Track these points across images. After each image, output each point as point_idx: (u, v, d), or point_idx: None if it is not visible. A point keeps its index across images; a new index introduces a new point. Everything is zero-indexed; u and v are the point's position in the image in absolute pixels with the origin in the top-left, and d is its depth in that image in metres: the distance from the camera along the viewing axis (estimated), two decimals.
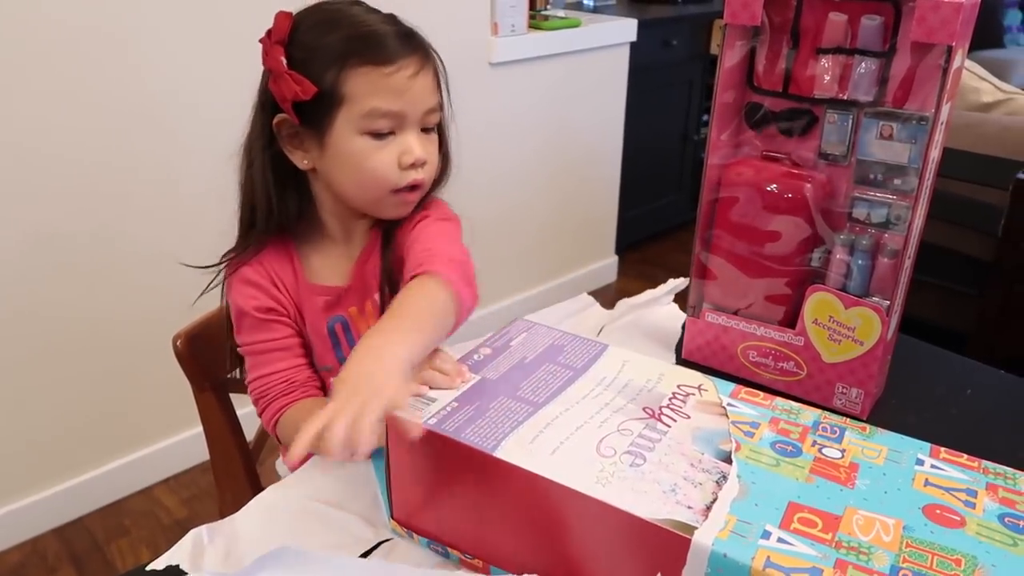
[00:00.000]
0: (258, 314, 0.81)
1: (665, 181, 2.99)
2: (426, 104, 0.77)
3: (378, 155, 0.76)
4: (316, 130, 0.76)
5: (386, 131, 0.75)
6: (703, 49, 2.92)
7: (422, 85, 0.76)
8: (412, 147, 0.76)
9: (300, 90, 0.73)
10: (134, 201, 1.61)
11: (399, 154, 0.76)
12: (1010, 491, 0.56)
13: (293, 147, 0.78)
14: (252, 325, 0.81)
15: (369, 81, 0.73)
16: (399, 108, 0.75)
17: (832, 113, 0.81)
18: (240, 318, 0.81)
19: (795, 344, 0.84)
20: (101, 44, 1.49)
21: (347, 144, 0.75)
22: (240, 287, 0.81)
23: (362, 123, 0.74)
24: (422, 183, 0.79)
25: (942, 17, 0.69)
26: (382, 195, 0.78)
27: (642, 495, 0.54)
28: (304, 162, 0.79)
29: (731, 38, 0.82)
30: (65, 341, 1.60)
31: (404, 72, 0.74)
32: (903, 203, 0.78)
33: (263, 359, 0.81)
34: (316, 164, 0.79)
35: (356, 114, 0.74)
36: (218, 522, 0.70)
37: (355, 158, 0.76)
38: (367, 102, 0.74)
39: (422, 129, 0.78)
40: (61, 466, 1.69)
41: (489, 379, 0.67)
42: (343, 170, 0.77)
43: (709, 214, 0.88)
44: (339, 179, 0.78)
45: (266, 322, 0.81)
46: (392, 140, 0.76)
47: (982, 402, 0.86)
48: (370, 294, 0.86)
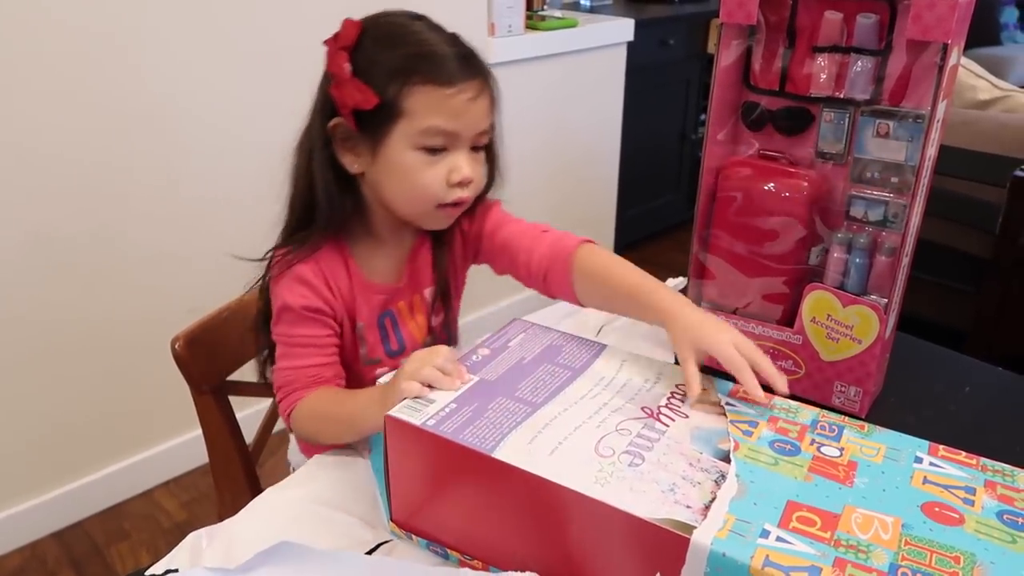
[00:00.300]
0: (304, 312, 0.82)
1: (663, 180, 2.99)
2: (480, 126, 0.79)
3: (429, 170, 0.78)
4: (371, 138, 0.78)
5: (439, 148, 0.78)
6: (700, 48, 2.91)
7: (479, 108, 0.78)
8: (462, 167, 0.78)
9: (362, 99, 0.75)
10: (133, 202, 1.61)
11: (448, 171, 0.78)
12: (1009, 488, 0.56)
13: (345, 150, 0.80)
14: (294, 320, 0.82)
15: (430, 100, 0.75)
16: (455, 128, 0.77)
17: (829, 112, 0.81)
18: (283, 311, 0.82)
19: (793, 343, 0.84)
20: (101, 44, 1.48)
21: (400, 156, 0.77)
22: (292, 284, 0.82)
23: (417, 139, 0.77)
24: (466, 201, 0.82)
25: (937, 15, 0.69)
26: (427, 208, 0.81)
27: (641, 495, 0.54)
28: (355, 166, 0.80)
29: (727, 37, 0.82)
30: (64, 343, 1.60)
31: (464, 95, 0.76)
32: (900, 201, 0.78)
33: (297, 351, 0.82)
34: (366, 170, 0.81)
35: (413, 129, 0.76)
36: (216, 525, 0.70)
37: (406, 171, 0.78)
38: (425, 120, 0.76)
39: (472, 148, 0.80)
40: (60, 470, 1.68)
41: (487, 380, 0.67)
42: (392, 180, 0.80)
43: (707, 214, 0.88)
44: (387, 187, 0.81)
45: (309, 319, 0.82)
46: (443, 157, 0.78)
47: (980, 400, 0.86)
48: (419, 289, 0.90)
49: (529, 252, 0.85)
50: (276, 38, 1.70)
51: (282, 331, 0.83)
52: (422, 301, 0.91)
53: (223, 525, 0.70)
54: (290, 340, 0.82)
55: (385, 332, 0.89)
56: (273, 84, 1.72)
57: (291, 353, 0.82)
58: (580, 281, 0.82)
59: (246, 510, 0.72)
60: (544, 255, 0.84)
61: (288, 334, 0.82)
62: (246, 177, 1.73)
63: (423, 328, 0.92)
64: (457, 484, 0.62)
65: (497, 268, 0.92)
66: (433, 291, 0.91)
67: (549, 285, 0.84)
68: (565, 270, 0.82)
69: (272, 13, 1.69)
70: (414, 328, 0.91)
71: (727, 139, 0.87)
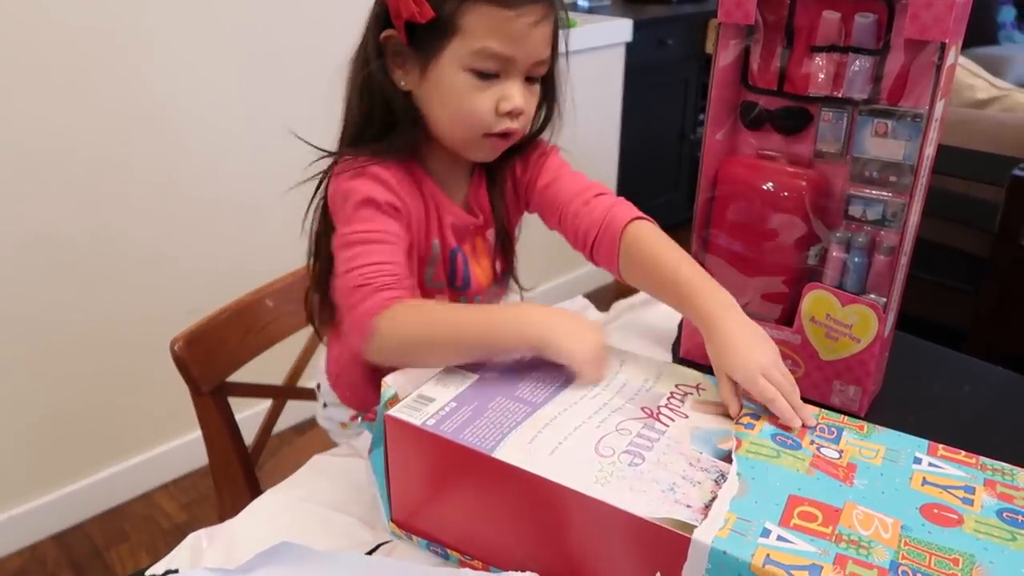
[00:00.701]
0: (384, 204, 0.76)
1: (662, 180, 3.00)
2: (538, 55, 0.75)
3: (478, 95, 0.74)
4: (422, 55, 0.74)
5: (491, 73, 0.73)
6: (699, 48, 2.92)
7: (539, 35, 0.73)
8: (513, 95, 0.74)
9: (417, 11, 0.70)
10: (133, 202, 1.61)
11: (499, 99, 0.74)
12: (1008, 487, 0.56)
13: (395, 65, 0.76)
14: (372, 214, 0.75)
15: (488, 20, 0.71)
16: (511, 53, 0.72)
17: (827, 111, 0.81)
18: (361, 206, 0.75)
19: (793, 342, 0.84)
20: (100, 44, 1.49)
21: (449, 77, 0.73)
22: (370, 181, 0.76)
23: (470, 60, 0.72)
24: (516, 132, 0.77)
25: (935, 14, 0.69)
26: (473, 136, 0.77)
27: (641, 494, 0.54)
28: (403, 82, 0.77)
29: (725, 37, 0.82)
30: (64, 343, 1.60)
31: (525, 19, 0.71)
32: (899, 200, 0.78)
33: (374, 248, 0.74)
34: (414, 88, 0.77)
35: (466, 49, 0.72)
36: (216, 526, 0.70)
37: (454, 93, 0.74)
38: (480, 40, 0.71)
39: (526, 78, 0.76)
40: (60, 472, 1.68)
41: (487, 379, 0.67)
42: (439, 102, 0.76)
43: (706, 213, 0.88)
44: (433, 109, 0.77)
45: (388, 214, 0.76)
46: (495, 83, 0.74)
47: (980, 399, 0.86)
48: (482, 231, 0.87)
49: (578, 216, 0.82)
50: (278, 38, 1.71)
51: (357, 228, 0.75)
52: (485, 244, 0.88)
53: (223, 526, 0.70)
54: (367, 236, 0.74)
55: (454, 266, 0.85)
56: (274, 84, 1.73)
57: (368, 251, 0.74)
58: (627, 260, 0.79)
59: (246, 511, 0.72)
60: (593, 223, 0.81)
61: (365, 230, 0.75)
62: (246, 178, 1.73)
63: (488, 273, 0.89)
64: (457, 484, 0.62)
65: (547, 223, 0.87)
66: (494, 233, 0.88)
67: (595, 256, 0.82)
68: (613, 245, 0.79)
69: (273, 13, 1.69)
70: (479, 272, 0.87)
71: (726, 139, 0.87)
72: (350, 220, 0.75)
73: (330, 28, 1.74)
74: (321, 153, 0.81)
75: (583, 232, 0.81)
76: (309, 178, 0.81)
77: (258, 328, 1.02)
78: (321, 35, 1.74)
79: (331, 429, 1.01)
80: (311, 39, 1.73)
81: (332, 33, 1.78)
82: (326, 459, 0.80)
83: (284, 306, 1.05)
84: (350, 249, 0.74)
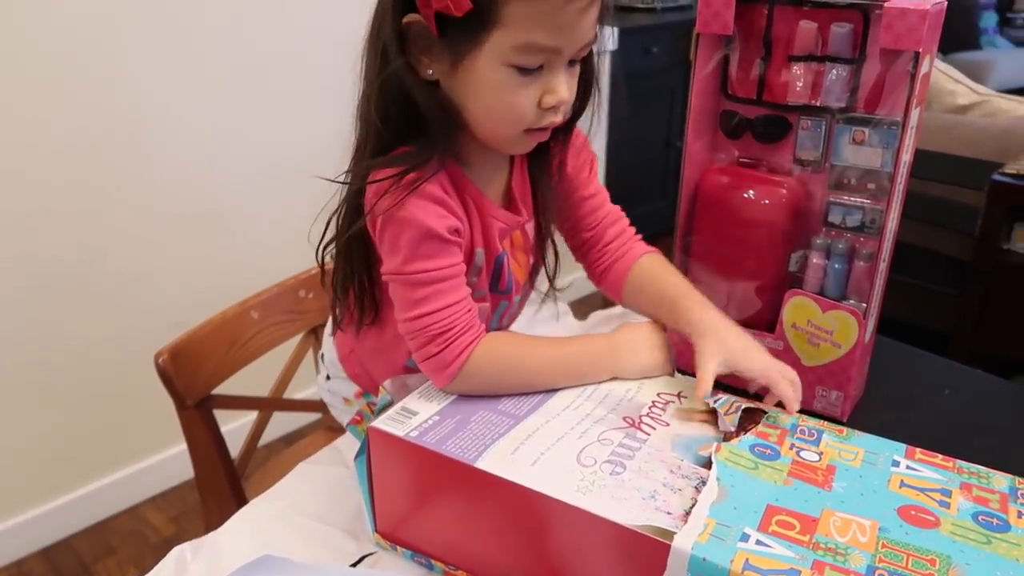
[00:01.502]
0: (448, 235, 0.68)
1: (648, 187, 3.01)
2: (585, 39, 0.66)
3: (520, 92, 0.65)
4: (454, 46, 0.64)
5: (535, 67, 0.64)
6: (683, 56, 2.94)
7: (588, 19, 0.64)
8: (558, 88, 0.66)
9: (452, 2, 0.60)
10: (113, 217, 1.60)
11: (543, 93, 0.66)
12: (984, 490, 0.57)
13: (419, 52, 0.66)
14: (438, 249, 0.68)
15: (534, 9, 0.61)
16: (558, 44, 0.64)
17: (806, 119, 0.82)
18: (422, 241, 0.67)
19: (775, 348, 0.84)
20: (77, 62, 1.48)
21: (488, 73, 0.64)
22: (426, 204, 0.67)
23: (512, 55, 0.63)
24: (557, 124, 0.70)
25: (908, 24, 0.70)
26: (512, 133, 0.69)
27: (622, 502, 0.54)
28: (429, 71, 0.67)
29: (704, 47, 0.83)
30: (46, 359, 1.59)
31: (575, 4, 0.62)
32: (877, 207, 0.79)
33: (447, 287, 0.68)
34: (441, 79, 0.67)
35: (508, 44, 0.62)
36: (200, 539, 0.70)
37: (493, 90, 0.65)
38: (525, 33, 0.62)
39: (569, 62, 0.67)
40: (46, 487, 1.67)
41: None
42: (474, 97, 0.67)
43: (688, 221, 0.89)
44: (467, 103, 0.68)
45: (452, 244, 0.69)
46: (538, 76, 0.65)
47: (960, 401, 0.87)
48: (522, 226, 0.80)
49: (594, 241, 0.85)
50: (254, 50, 1.71)
51: (424, 267, 0.68)
52: (524, 238, 0.81)
53: (207, 538, 0.70)
54: (439, 275, 0.68)
55: (499, 270, 0.78)
56: (254, 99, 1.72)
57: (441, 291, 0.68)
58: (630, 287, 0.82)
59: (230, 522, 0.72)
60: (609, 253, 0.84)
61: (435, 267, 0.68)
62: (228, 190, 1.73)
63: (525, 269, 0.83)
64: (441, 495, 0.62)
65: (556, 220, 0.83)
66: (534, 225, 0.81)
67: (602, 282, 0.85)
68: (621, 277, 0.83)
69: (249, 25, 1.69)
70: (518, 271, 0.81)
71: (707, 147, 0.88)
72: (413, 257, 0.68)
73: (311, 43, 1.75)
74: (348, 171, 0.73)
75: (594, 259, 0.85)
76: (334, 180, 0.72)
77: (243, 340, 1.02)
78: (302, 50, 1.74)
79: (333, 403, 0.95)
80: (287, 50, 1.74)
81: (311, 42, 1.80)
82: (310, 467, 0.80)
83: (269, 318, 1.06)
84: (419, 290, 0.68)
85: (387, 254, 0.69)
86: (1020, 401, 0.88)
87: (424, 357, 0.68)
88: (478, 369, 0.68)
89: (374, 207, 0.67)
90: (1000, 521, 0.54)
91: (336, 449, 0.82)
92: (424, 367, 0.69)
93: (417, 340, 0.69)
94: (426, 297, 0.68)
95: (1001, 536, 0.52)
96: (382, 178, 0.66)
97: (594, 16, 0.65)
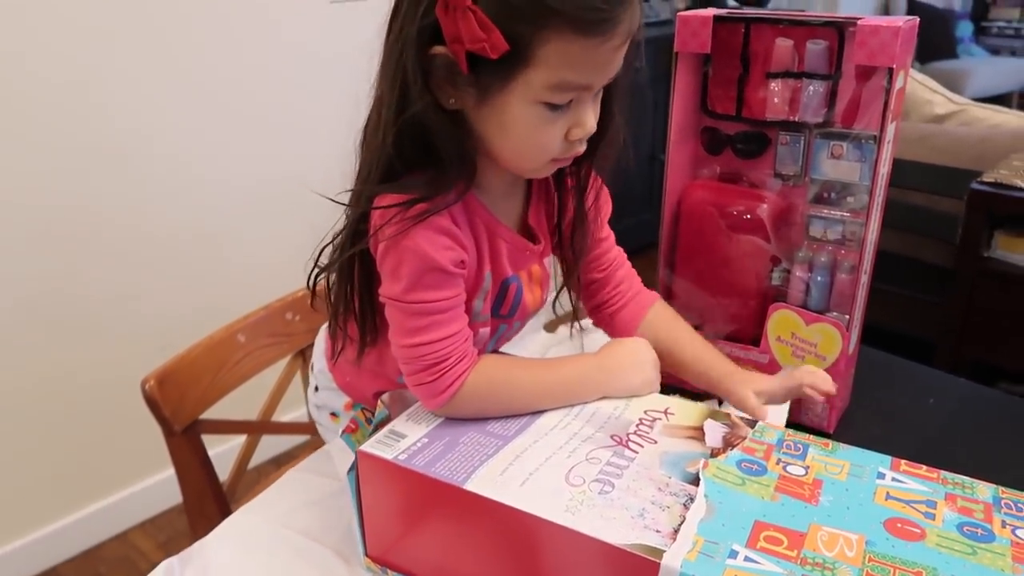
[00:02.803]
0: (452, 267, 0.67)
1: (634, 201, 3.03)
2: (615, 72, 0.65)
3: (549, 127, 0.64)
4: (483, 82, 0.62)
5: (565, 103, 0.63)
6: (665, 71, 2.96)
7: (620, 54, 0.63)
8: (587, 121, 0.65)
9: (487, 43, 0.58)
10: (98, 243, 1.60)
11: (571, 126, 0.65)
12: (968, 500, 0.58)
13: (443, 82, 0.63)
14: (441, 280, 0.67)
15: (570, 49, 0.59)
16: (589, 82, 0.63)
17: (784, 135, 0.83)
18: (425, 273, 0.66)
19: (760, 362, 0.85)
20: (61, 84, 1.48)
21: (517, 110, 0.63)
22: (433, 236, 0.66)
23: (544, 94, 0.62)
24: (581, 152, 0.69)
25: (881, 40, 0.71)
26: (538, 165, 0.68)
27: (611, 521, 0.54)
28: (451, 101, 0.64)
29: (683, 65, 0.85)
30: (32, 383, 1.58)
31: (611, 43, 0.60)
32: (857, 220, 0.80)
33: (446, 319, 0.68)
34: (464, 108, 0.65)
35: (540, 83, 0.61)
36: (188, 549, 0.70)
37: (522, 127, 0.64)
38: (558, 73, 0.60)
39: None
40: (33, 515, 1.65)
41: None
42: (500, 132, 0.65)
43: (671, 236, 0.90)
44: (491, 135, 0.66)
45: (455, 276, 0.68)
46: (567, 111, 0.64)
47: (944, 410, 0.88)
48: (540, 257, 0.79)
49: (604, 282, 0.84)
50: (245, 71, 1.71)
51: (425, 297, 0.67)
52: (542, 271, 0.80)
53: (194, 548, 0.70)
54: (439, 306, 0.68)
55: (504, 294, 0.77)
56: (240, 120, 1.73)
57: (440, 322, 0.68)
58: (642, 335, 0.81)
59: (218, 532, 0.72)
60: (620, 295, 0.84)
61: (436, 299, 0.67)
62: (213, 213, 1.72)
63: (538, 300, 0.82)
64: (431, 517, 0.62)
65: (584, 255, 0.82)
66: (553, 260, 0.81)
67: (610, 325, 0.85)
68: (632, 323, 0.83)
69: (240, 46, 1.69)
70: (530, 300, 0.80)
71: (688, 163, 0.89)
72: (414, 287, 0.67)
73: (294, 65, 1.76)
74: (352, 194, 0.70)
75: (603, 302, 0.84)
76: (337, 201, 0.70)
77: (231, 364, 1.02)
78: (286, 72, 1.75)
79: (320, 420, 0.93)
80: (275, 68, 1.74)
81: (299, 60, 1.80)
82: (299, 475, 0.79)
83: (256, 340, 1.05)
84: (417, 319, 0.67)
85: (387, 279, 0.68)
86: (1004, 409, 0.89)
87: (417, 383, 0.68)
88: (470, 395, 0.68)
89: (378, 232, 0.66)
90: (985, 531, 0.54)
91: (326, 454, 0.81)
92: (416, 391, 0.69)
93: (411, 367, 0.68)
94: (425, 327, 0.67)
95: (986, 546, 0.53)
96: (390, 204, 0.65)
97: (624, 50, 0.64)
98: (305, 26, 1.76)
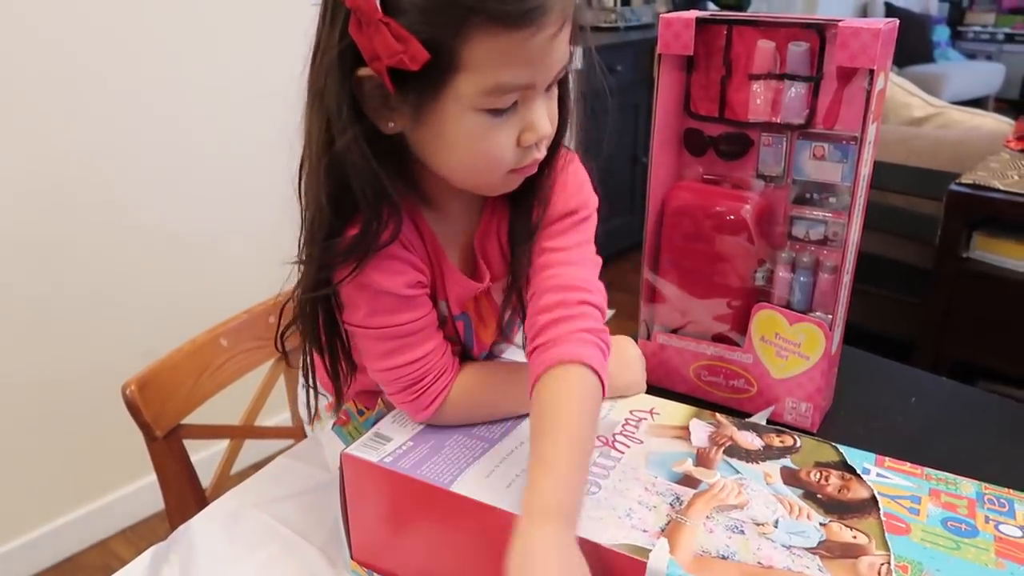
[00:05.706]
0: (407, 290, 0.64)
1: (616, 203, 3.04)
2: (560, 64, 0.59)
3: (495, 135, 0.58)
4: (412, 97, 0.56)
5: (508, 106, 0.58)
6: (647, 73, 2.98)
7: (560, 43, 0.57)
8: (537, 123, 0.59)
9: (405, 55, 0.53)
10: (77, 248, 1.58)
11: (521, 131, 0.59)
12: (952, 495, 0.58)
13: (376, 106, 0.58)
14: (398, 305, 0.64)
15: (499, 47, 0.54)
16: (530, 80, 0.57)
17: (767, 136, 0.84)
18: (377, 299, 0.64)
19: (744, 361, 0.86)
20: (36, 89, 1.47)
21: (456, 123, 0.57)
22: (383, 263, 0.63)
23: (480, 100, 0.56)
24: (541, 158, 0.63)
25: (862, 43, 0.72)
26: (493, 179, 0.62)
27: (598, 522, 0.54)
28: (390, 125, 0.59)
29: (666, 67, 0.85)
30: (11, 389, 1.55)
31: (545, 32, 0.54)
32: (839, 220, 0.81)
33: (416, 339, 0.65)
34: (404, 130, 0.60)
35: (474, 88, 0.55)
36: (173, 534, 0.70)
37: (465, 139, 0.58)
38: (492, 75, 0.55)
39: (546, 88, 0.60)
40: (11, 523, 1.63)
41: None
42: (444, 148, 0.60)
43: (655, 238, 0.90)
44: (436, 154, 0.61)
45: (412, 299, 0.65)
46: (513, 114, 0.58)
47: (926, 409, 0.88)
48: (487, 292, 0.73)
49: (533, 314, 0.66)
50: (226, 72, 1.70)
51: (383, 322, 0.64)
52: (491, 304, 0.74)
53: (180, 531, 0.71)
54: (400, 331, 0.65)
55: (457, 331, 0.73)
56: (219, 123, 1.72)
57: (406, 344, 0.65)
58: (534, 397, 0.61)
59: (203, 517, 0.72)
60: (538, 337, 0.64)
61: (399, 323, 0.64)
62: (197, 215, 1.71)
63: (493, 333, 0.77)
64: (417, 520, 0.62)
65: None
66: (505, 285, 0.72)
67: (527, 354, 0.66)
68: (535, 375, 0.62)
69: (218, 44, 1.68)
70: (485, 335, 0.76)
71: (671, 165, 0.90)
72: (373, 313, 0.64)
73: (279, 60, 1.74)
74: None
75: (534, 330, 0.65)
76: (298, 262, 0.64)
77: (213, 368, 1.01)
78: (269, 67, 1.74)
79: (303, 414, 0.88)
80: (257, 70, 1.73)
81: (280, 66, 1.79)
82: (289, 462, 0.79)
83: (239, 344, 1.04)
84: (386, 343, 0.65)
85: (347, 307, 0.65)
86: (984, 407, 0.90)
87: (400, 402, 0.67)
88: (455, 405, 0.67)
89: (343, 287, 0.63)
90: (968, 527, 0.55)
91: (316, 442, 0.80)
92: (400, 407, 0.69)
93: (391, 387, 0.67)
94: (395, 349, 0.65)
95: (970, 541, 0.53)
96: (344, 265, 0.61)
97: (565, 39, 0.58)
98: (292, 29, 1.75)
